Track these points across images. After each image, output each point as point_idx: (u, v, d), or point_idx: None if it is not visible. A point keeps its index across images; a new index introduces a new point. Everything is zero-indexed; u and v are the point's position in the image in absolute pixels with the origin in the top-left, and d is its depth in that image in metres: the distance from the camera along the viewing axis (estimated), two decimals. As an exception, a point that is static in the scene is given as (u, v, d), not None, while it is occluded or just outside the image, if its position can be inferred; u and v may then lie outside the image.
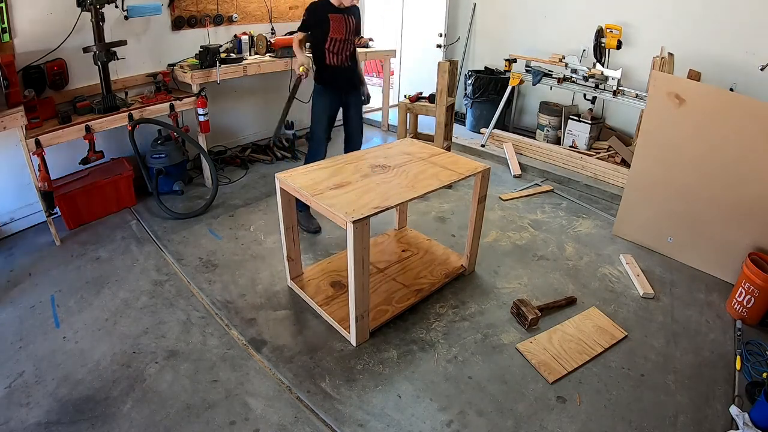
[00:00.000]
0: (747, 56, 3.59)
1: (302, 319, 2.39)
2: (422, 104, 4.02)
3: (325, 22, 2.80)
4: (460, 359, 2.15)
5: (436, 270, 2.68)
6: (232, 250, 2.94)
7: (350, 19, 2.89)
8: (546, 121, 4.70)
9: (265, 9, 4.15)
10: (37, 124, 2.77)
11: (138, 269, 2.73)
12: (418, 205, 3.53)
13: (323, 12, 2.81)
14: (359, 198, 2.07)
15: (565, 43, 4.50)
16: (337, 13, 2.82)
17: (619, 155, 4.07)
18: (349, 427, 1.82)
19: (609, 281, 2.75)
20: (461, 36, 5.47)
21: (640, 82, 4.00)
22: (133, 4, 3.14)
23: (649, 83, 2.99)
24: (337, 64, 2.93)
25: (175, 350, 2.16)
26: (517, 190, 3.89)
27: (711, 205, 2.74)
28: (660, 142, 2.88)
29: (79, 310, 2.39)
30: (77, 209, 3.12)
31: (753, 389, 1.99)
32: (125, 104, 3.19)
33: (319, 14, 2.81)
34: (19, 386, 1.93)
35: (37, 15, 2.86)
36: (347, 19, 2.87)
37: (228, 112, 4.21)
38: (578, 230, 3.31)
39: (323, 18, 2.80)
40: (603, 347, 2.22)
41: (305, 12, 2.90)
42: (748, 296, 2.37)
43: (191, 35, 3.71)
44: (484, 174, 2.47)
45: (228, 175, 3.97)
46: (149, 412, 1.84)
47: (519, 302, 2.40)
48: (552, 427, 1.83)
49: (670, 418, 1.88)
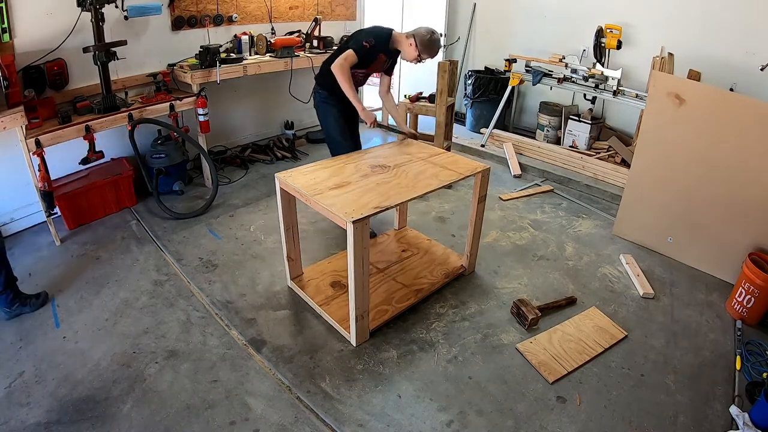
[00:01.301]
0: (747, 56, 3.59)
1: (302, 319, 2.38)
2: (422, 104, 4.02)
3: (373, 60, 2.78)
4: (460, 359, 2.15)
5: (436, 270, 2.68)
6: (232, 250, 2.94)
7: (388, 61, 2.88)
8: (546, 121, 4.70)
9: (265, 9, 4.15)
10: (37, 124, 2.77)
11: (138, 269, 2.73)
12: (418, 205, 3.53)
13: (377, 51, 2.75)
14: (359, 198, 2.07)
15: (565, 43, 4.50)
16: (385, 54, 2.81)
17: (619, 155, 4.07)
18: (349, 427, 1.82)
19: (609, 281, 2.75)
20: (461, 36, 5.48)
21: (640, 82, 4.00)
22: (133, 4, 3.14)
23: (649, 83, 2.99)
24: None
25: (175, 350, 2.16)
26: (517, 190, 3.89)
27: (711, 206, 2.74)
28: (660, 142, 2.88)
29: (79, 310, 2.39)
30: (77, 209, 3.12)
31: (753, 389, 1.99)
32: (125, 104, 3.19)
33: (374, 51, 2.73)
34: (19, 386, 1.93)
35: (37, 15, 2.86)
36: (386, 62, 2.86)
37: (228, 112, 4.21)
38: (578, 230, 3.31)
39: (374, 57, 2.77)
40: (603, 347, 2.22)
41: (367, 39, 2.69)
42: (748, 296, 2.37)
43: (191, 35, 3.70)
44: (484, 174, 2.47)
45: (228, 175, 3.97)
46: (149, 412, 1.84)
47: (519, 302, 2.40)
48: (552, 427, 1.83)
49: (670, 418, 1.88)
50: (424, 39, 2.68)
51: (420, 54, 2.71)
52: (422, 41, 2.68)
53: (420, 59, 2.75)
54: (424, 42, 2.68)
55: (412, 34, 2.71)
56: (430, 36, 2.70)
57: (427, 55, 2.75)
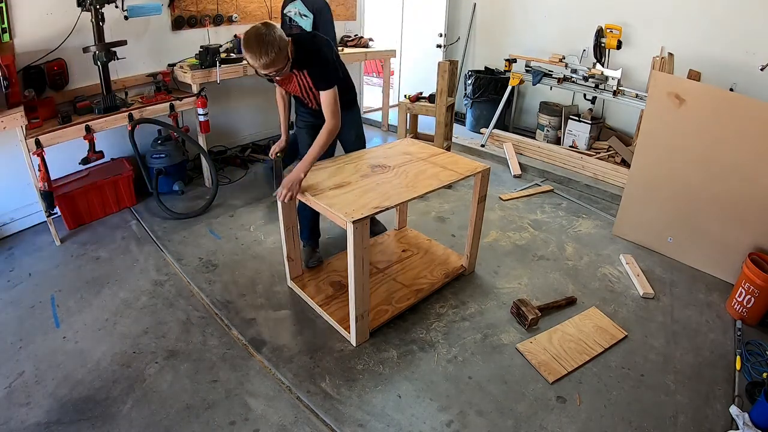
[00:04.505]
0: (747, 56, 3.59)
1: (302, 319, 2.38)
2: (422, 104, 4.02)
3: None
4: (460, 359, 2.15)
5: (436, 270, 2.68)
6: (232, 250, 2.94)
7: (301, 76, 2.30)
8: (546, 121, 4.70)
9: (265, 9, 4.15)
10: (37, 124, 2.77)
11: (138, 269, 2.73)
12: (418, 205, 3.53)
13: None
14: (359, 198, 2.07)
15: (565, 43, 4.51)
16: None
17: (619, 155, 4.07)
18: (349, 427, 1.82)
19: (609, 281, 2.75)
20: (461, 36, 5.48)
21: (640, 82, 4.00)
22: (133, 4, 3.14)
23: (649, 83, 2.99)
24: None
25: (175, 350, 2.16)
26: (517, 190, 3.89)
27: (711, 205, 2.74)
28: (660, 142, 2.88)
29: (79, 310, 2.39)
30: (77, 209, 3.12)
31: (753, 389, 1.99)
32: (125, 104, 3.19)
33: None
34: (19, 386, 1.93)
35: (37, 15, 2.86)
36: (298, 78, 2.31)
37: (228, 112, 4.21)
38: (578, 230, 3.31)
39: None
40: (603, 347, 2.22)
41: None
42: (748, 296, 2.37)
43: (191, 35, 3.71)
44: (484, 174, 2.47)
45: (228, 175, 3.97)
46: (149, 412, 1.84)
47: (519, 302, 2.40)
48: (552, 427, 1.83)
49: (670, 418, 1.88)
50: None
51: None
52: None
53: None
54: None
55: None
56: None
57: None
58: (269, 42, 1.96)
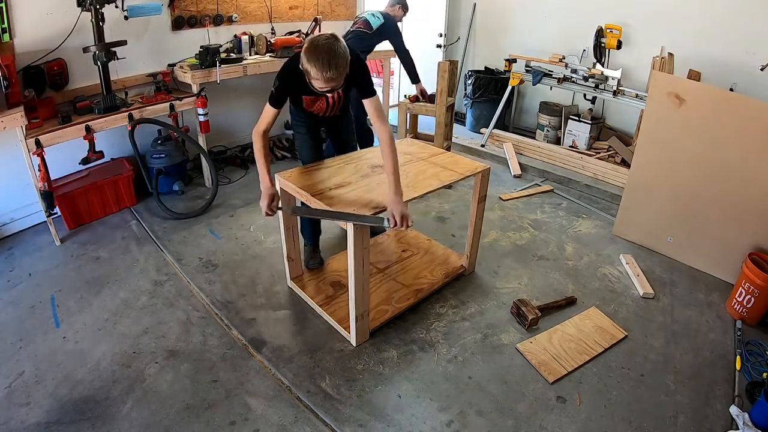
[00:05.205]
0: (747, 56, 3.59)
1: (302, 319, 2.38)
2: (422, 104, 4.02)
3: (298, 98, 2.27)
4: (460, 359, 2.15)
5: (436, 270, 2.68)
6: (232, 250, 2.94)
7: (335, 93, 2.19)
8: (546, 121, 4.70)
9: (265, 9, 4.15)
10: (37, 124, 2.77)
11: (138, 269, 2.73)
12: (418, 205, 3.53)
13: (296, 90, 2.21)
14: (359, 198, 2.07)
15: (565, 43, 4.50)
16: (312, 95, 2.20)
17: (619, 155, 4.07)
18: (349, 427, 1.82)
19: (609, 281, 2.75)
20: (461, 36, 5.47)
21: (640, 82, 4.00)
22: (133, 4, 3.14)
23: (649, 83, 2.99)
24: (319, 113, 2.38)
25: (175, 350, 2.16)
26: (517, 190, 3.89)
27: (711, 205, 2.74)
28: (660, 142, 2.88)
29: (79, 310, 2.39)
30: (77, 209, 3.12)
31: (753, 389, 1.99)
32: (125, 104, 3.19)
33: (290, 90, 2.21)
34: (19, 386, 1.93)
35: (37, 15, 2.86)
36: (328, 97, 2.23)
37: (228, 112, 4.21)
38: (578, 230, 3.30)
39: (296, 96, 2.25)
40: (603, 347, 2.22)
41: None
42: (748, 296, 2.37)
43: (191, 35, 3.70)
44: (484, 174, 2.47)
45: (228, 175, 3.97)
46: (149, 412, 1.84)
47: (519, 302, 2.40)
48: (552, 427, 1.83)
49: (670, 418, 1.88)
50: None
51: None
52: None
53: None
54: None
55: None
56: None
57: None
58: (340, 55, 1.83)
